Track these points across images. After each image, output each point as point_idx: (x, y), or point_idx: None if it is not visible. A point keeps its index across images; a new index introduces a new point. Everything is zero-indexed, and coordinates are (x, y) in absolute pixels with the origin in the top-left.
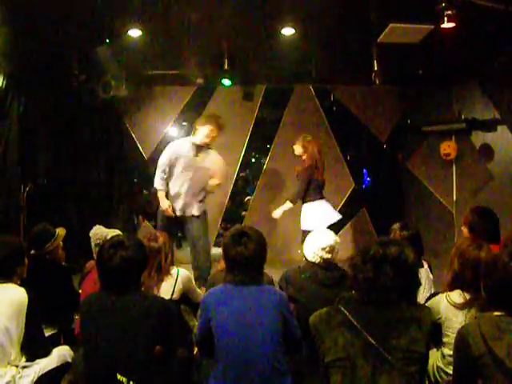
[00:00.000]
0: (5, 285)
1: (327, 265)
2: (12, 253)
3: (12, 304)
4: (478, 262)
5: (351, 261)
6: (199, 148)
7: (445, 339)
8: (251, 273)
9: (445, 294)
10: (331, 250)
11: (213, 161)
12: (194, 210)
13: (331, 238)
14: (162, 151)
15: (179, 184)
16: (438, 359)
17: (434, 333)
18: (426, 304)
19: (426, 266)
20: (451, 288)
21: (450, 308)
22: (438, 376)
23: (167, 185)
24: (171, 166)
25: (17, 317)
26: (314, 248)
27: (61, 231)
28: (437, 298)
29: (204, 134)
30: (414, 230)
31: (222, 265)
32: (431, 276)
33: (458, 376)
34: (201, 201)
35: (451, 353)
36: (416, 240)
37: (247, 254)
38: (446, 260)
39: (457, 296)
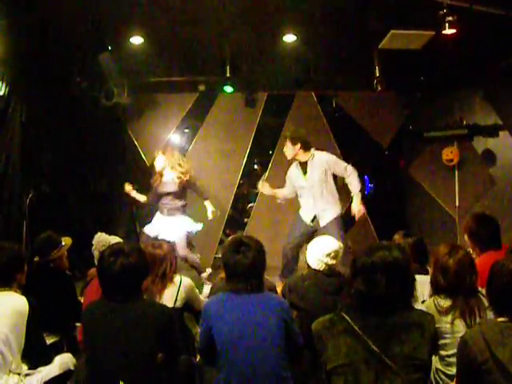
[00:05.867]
0: (5, 292)
1: (331, 272)
2: (11, 259)
3: (12, 313)
4: (447, 268)
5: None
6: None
7: (439, 341)
8: (251, 281)
9: (432, 298)
10: (336, 255)
11: None
12: None
13: (335, 243)
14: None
15: None
16: (437, 361)
17: (437, 339)
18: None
19: None
20: (433, 293)
21: (437, 312)
22: (438, 378)
23: None
24: None
25: (17, 325)
26: (318, 255)
27: (67, 240)
28: (427, 302)
29: None
30: (417, 236)
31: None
32: None
33: (462, 382)
34: None
35: (447, 353)
36: (420, 247)
37: (246, 263)
38: None
39: (443, 300)
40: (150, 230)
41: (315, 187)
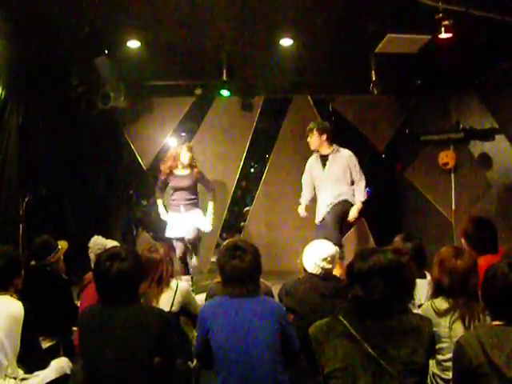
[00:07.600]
0: (1, 297)
1: (327, 275)
2: (9, 264)
3: (8, 317)
4: (455, 270)
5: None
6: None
7: (436, 346)
8: (247, 285)
9: (430, 301)
10: (332, 259)
11: None
12: None
13: (331, 247)
14: (160, 162)
15: None
16: (434, 366)
17: (433, 343)
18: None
19: (429, 277)
20: (434, 295)
21: (435, 315)
22: (434, 382)
23: None
24: None
25: (12, 330)
26: (314, 259)
27: (63, 244)
28: (423, 306)
29: None
30: (416, 241)
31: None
32: None
33: None
34: None
35: (444, 358)
36: (419, 251)
37: (243, 267)
38: None
39: (441, 303)
40: (173, 232)
41: (332, 181)
